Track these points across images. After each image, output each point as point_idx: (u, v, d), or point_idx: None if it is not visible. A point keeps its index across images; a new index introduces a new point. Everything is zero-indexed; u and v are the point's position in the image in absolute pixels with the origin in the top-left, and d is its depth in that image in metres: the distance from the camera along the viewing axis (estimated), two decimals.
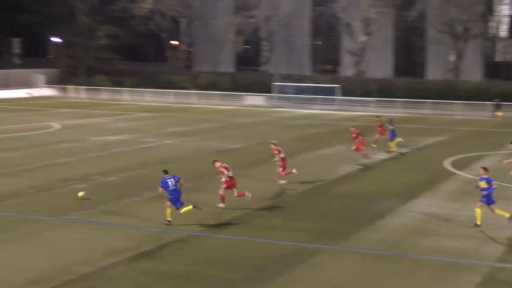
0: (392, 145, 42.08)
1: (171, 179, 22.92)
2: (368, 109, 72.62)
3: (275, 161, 31.04)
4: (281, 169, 30.74)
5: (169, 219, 22.95)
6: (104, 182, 30.59)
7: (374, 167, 36.31)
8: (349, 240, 21.83)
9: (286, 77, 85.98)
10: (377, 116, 45.50)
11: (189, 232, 22.34)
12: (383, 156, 40.20)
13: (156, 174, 29.75)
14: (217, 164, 25.73)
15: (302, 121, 62.14)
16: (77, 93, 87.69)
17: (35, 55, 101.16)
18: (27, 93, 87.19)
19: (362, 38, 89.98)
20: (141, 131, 50.26)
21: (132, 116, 62.92)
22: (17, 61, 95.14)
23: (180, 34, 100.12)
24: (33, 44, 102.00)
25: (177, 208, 22.84)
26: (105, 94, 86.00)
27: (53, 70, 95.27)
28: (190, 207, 23.10)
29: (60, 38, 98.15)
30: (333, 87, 77.04)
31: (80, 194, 26.98)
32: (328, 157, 38.51)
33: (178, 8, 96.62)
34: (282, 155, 30.69)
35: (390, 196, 28.62)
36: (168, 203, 22.92)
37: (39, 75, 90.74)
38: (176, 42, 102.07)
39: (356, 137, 37.23)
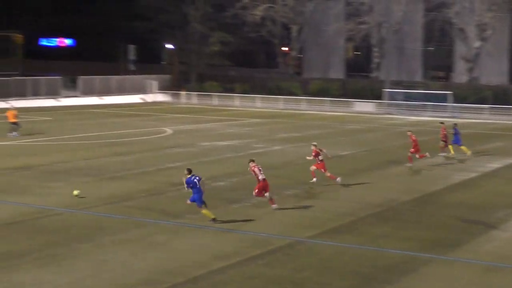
0: (465, 149, 41.74)
1: (196, 178, 23.64)
2: (482, 117, 70.85)
3: (309, 159, 31.34)
4: (323, 170, 30.84)
5: (213, 216, 23.75)
6: (214, 186, 30.94)
7: (487, 176, 35.42)
8: (460, 250, 21.33)
9: (397, 84, 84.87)
10: (441, 122, 44.79)
11: (296, 238, 22.34)
12: (496, 164, 39.20)
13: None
14: (252, 164, 26.16)
15: (413, 128, 61.09)
16: (189, 99, 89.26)
17: (149, 61, 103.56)
18: (141, 98, 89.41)
19: (476, 43, 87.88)
20: (251, 137, 50.67)
21: (242, 122, 63.53)
22: (132, 67, 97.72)
23: (291, 40, 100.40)
24: (147, 50, 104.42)
25: (200, 206, 23.70)
26: (216, 100, 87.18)
27: (166, 76, 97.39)
28: (211, 216, 23.78)
29: (173, 44, 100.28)
30: (445, 93, 75.52)
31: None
32: (440, 165, 37.75)
33: (289, 15, 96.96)
34: (320, 157, 30.73)
35: (503, 206, 27.82)
36: (192, 202, 23.77)
37: (153, 81, 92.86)
38: (287, 48, 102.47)
39: (415, 142, 37.47)
